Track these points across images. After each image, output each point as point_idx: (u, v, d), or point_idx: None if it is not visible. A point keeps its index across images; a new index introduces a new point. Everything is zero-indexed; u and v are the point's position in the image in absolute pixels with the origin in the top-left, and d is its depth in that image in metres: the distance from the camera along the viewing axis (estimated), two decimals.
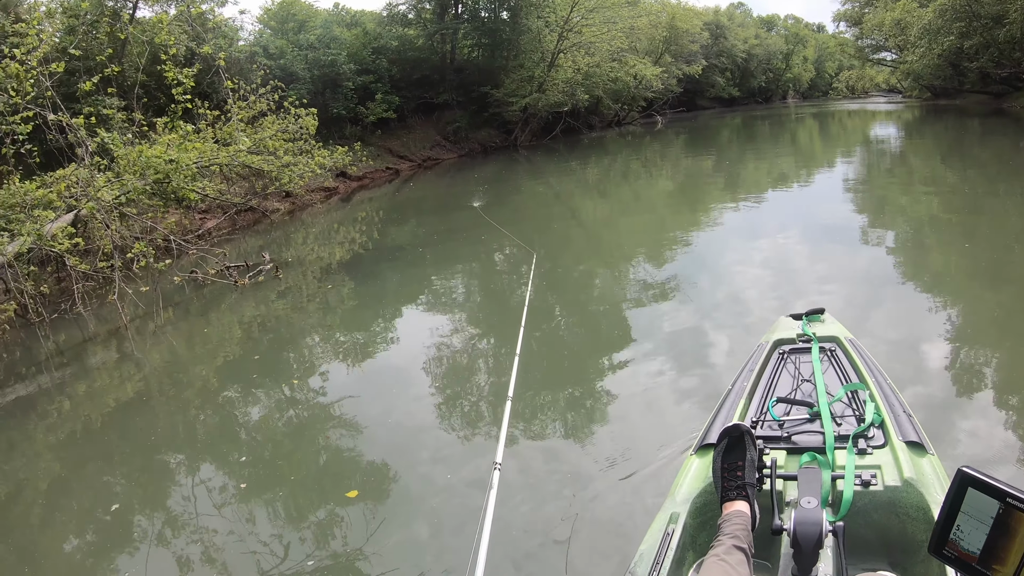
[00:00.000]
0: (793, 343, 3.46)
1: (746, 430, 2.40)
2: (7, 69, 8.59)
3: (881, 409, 2.66)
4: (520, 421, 4.77)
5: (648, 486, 3.68)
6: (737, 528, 2.12)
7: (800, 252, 8.56)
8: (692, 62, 42.25)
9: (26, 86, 8.80)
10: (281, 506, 4.08)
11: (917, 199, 11.77)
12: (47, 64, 9.13)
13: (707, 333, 5.97)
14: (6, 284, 7.86)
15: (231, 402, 5.94)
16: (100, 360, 7.16)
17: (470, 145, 27.06)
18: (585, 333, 6.70)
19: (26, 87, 8.80)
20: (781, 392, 3.01)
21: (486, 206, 13.48)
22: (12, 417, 6.05)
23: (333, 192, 18.43)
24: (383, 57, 23.64)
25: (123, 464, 4.97)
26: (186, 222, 12.70)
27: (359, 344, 7.02)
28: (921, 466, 2.35)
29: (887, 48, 45.69)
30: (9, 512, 4.43)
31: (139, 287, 8.71)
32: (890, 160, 18.40)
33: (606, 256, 9.99)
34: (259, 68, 16.27)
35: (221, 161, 11.73)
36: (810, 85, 76.55)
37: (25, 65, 8.67)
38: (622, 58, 30.27)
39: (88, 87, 9.83)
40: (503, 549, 3.28)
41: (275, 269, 9.37)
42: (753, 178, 16.24)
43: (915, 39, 33.17)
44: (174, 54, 10.50)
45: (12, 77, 8.63)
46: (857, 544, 2.29)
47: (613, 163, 22.42)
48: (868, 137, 26.65)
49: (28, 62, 8.68)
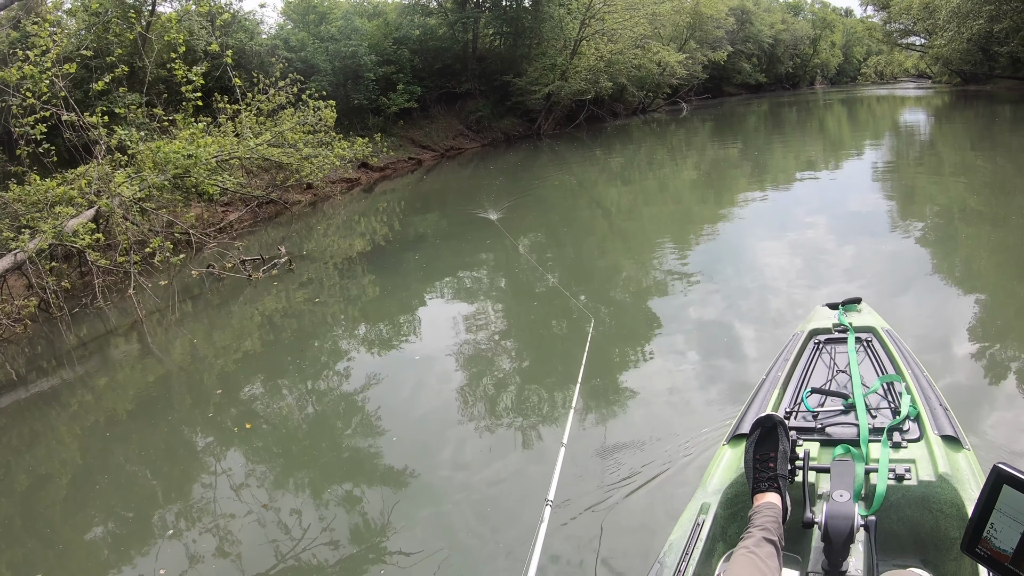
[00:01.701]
0: (829, 333, 3.42)
1: (779, 421, 2.35)
2: (22, 70, 8.71)
3: (917, 402, 2.62)
4: (548, 405, 4.74)
5: (680, 475, 3.66)
6: (768, 520, 2.09)
7: (828, 241, 8.39)
8: (717, 48, 41.69)
9: (41, 87, 8.91)
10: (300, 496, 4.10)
11: (947, 188, 11.49)
12: (61, 65, 9.24)
13: (736, 322, 5.89)
14: (28, 279, 7.93)
15: (248, 393, 5.94)
16: (121, 353, 7.22)
17: (493, 134, 26.92)
18: (613, 322, 6.60)
19: (41, 87, 8.92)
20: (816, 382, 2.98)
21: (511, 207, 13.33)
22: (36, 408, 6.16)
23: (355, 183, 18.41)
24: (404, 47, 23.55)
25: (144, 453, 5.01)
26: (207, 215, 12.73)
27: (377, 337, 6.98)
28: (956, 461, 2.30)
29: (915, 32, 44.60)
30: (34, 500, 4.50)
31: (158, 281, 8.77)
32: (919, 148, 18.00)
33: (632, 245, 9.87)
34: (279, 61, 16.24)
35: (240, 155, 11.74)
36: (838, 71, 75.30)
37: (39, 66, 8.78)
38: (645, 45, 29.91)
39: (101, 86, 9.88)
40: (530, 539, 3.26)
41: (288, 263, 9.36)
42: (780, 166, 15.97)
43: (943, 23, 32.39)
44: (197, 49, 10.54)
45: (28, 78, 8.76)
46: (888, 539, 2.26)
47: (638, 151, 22.17)
48: (897, 124, 26.12)
49: (42, 63, 8.79)
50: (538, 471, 3.96)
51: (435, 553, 3.37)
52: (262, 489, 4.22)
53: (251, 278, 8.79)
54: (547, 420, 4.69)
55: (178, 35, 10.49)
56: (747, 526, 2.12)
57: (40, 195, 8.64)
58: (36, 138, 8.98)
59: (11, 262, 7.66)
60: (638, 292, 7.46)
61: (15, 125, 9.24)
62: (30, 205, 8.60)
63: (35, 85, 8.87)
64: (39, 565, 3.80)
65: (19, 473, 4.94)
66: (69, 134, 9.55)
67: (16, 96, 9.11)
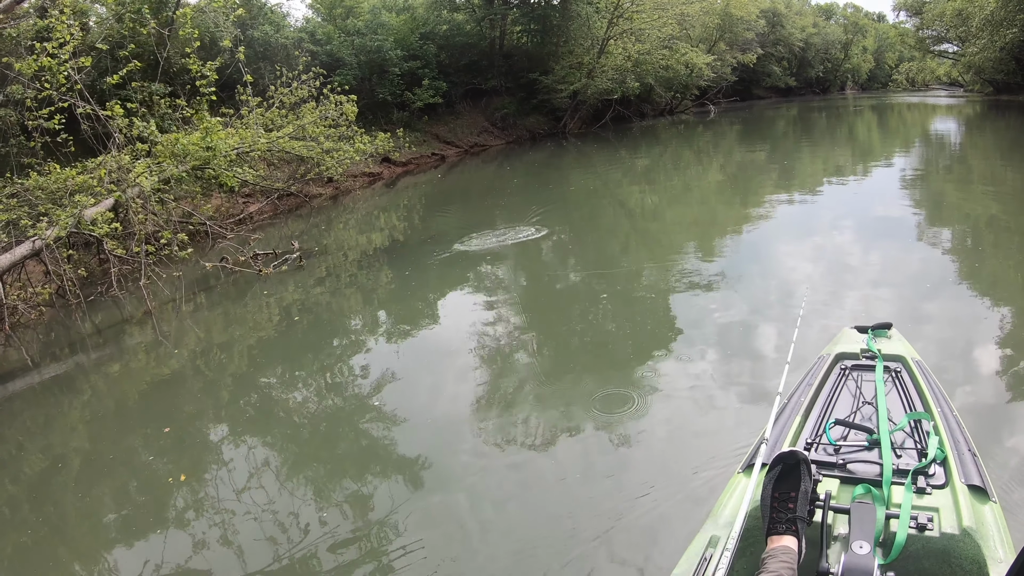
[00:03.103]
0: (856, 359, 3.29)
1: (803, 459, 2.21)
2: (39, 62, 8.81)
3: (945, 444, 2.49)
4: (556, 416, 4.67)
5: (688, 496, 3.55)
6: (783, 567, 1.96)
7: (853, 251, 8.22)
8: (747, 50, 41.20)
9: (59, 78, 9.01)
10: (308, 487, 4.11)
11: (975, 199, 11.21)
12: (78, 58, 9.34)
13: (755, 336, 5.74)
14: (46, 266, 7.98)
15: (257, 383, 5.96)
16: (134, 341, 7.23)
17: (518, 132, 26.79)
18: (628, 329, 6.47)
19: (59, 79, 9.01)
20: (840, 413, 2.86)
21: (533, 198, 13.21)
22: (50, 394, 6.20)
23: (377, 177, 18.37)
24: (431, 43, 23.47)
25: (154, 439, 5.01)
26: (228, 206, 12.75)
27: (391, 331, 6.91)
28: (982, 514, 2.16)
29: (948, 39, 43.67)
30: (48, 483, 4.53)
31: (172, 271, 8.78)
32: (949, 157, 17.64)
33: (654, 248, 9.73)
34: (303, 54, 16.24)
35: (260, 147, 11.73)
36: (869, 76, 74.25)
37: (57, 58, 8.86)
38: (673, 45, 29.61)
39: (116, 80, 9.94)
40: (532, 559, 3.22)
41: (299, 259, 9.35)
42: (808, 171, 15.71)
43: (976, 30, 31.62)
44: (221, 42, 10.56)
45: (46, 70, 8.86)
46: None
47: (664, 153, 21.97)
48: (927, 132, 25.65)
49: (60, 55, 8.86)
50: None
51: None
52: (274, 476, 4.25)
53: (261, 273, 8.79)
54: (562, 414, 4.61)
55: (193, 30, 10.52)
56: (760, 570, 1.99)
57: (60, 183, 8.71)
58: (55, 128, 9.07)
59: (29, 249, 7.72)
60: (656, 295, 7.33)
61: (30, 118, 9.37)
62: (50, 193, 8.67)
63: (53, 77, 8.96)
64: (46, 546, 3.83)
65: (32, 455, 4.99)
66: (86, 125, 9.61)
67: (32, 88, 9.27)
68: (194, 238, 10.20)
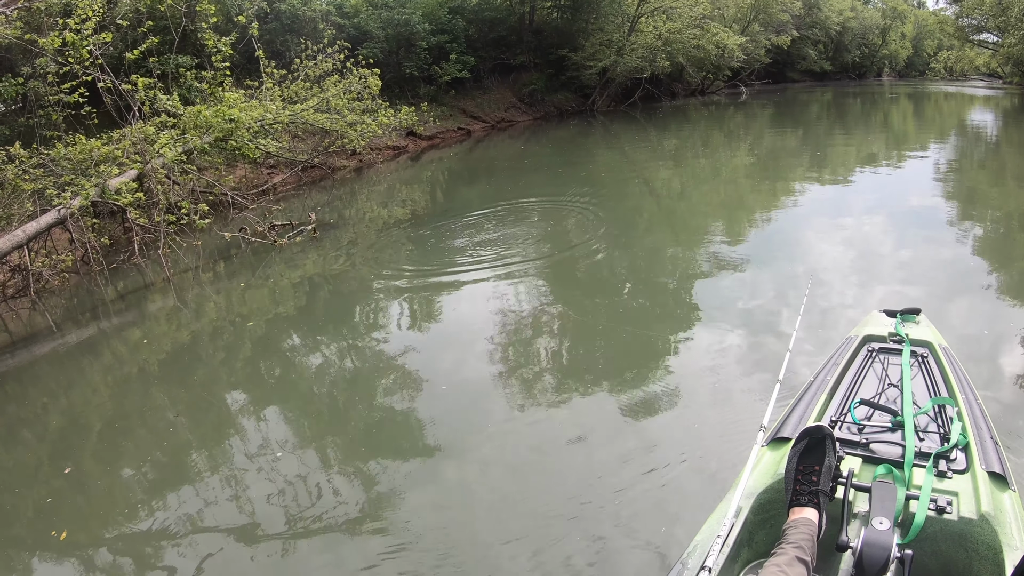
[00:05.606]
0: (884, 342, 3.33)
1: (828, 434, 2.26)
2: (62, 37, 9.06)
3: (967, 430, 2.52)
4: (578, 390, 4.68)
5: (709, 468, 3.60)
6: (802, 538, 2.02)
7: (885, 238, 8.08)
8: (782, 32, 40.36)
9: (83, 52, 9.24)
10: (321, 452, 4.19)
11: (1010, 193, 10.95)
12: (101, 32, 9.58)
13: (781, 318, 5.68)
14: (71, 235, 8.10)
15: (272, 348, 6.05)
16: (155, 307, 7.38)
17: (546, 108, 26.58)
18: (652, 308, 6.44)
19: (83, 53, 9.24)
20: (865, 393, 2.90)
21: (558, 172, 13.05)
22: (72, 357, 6.30)
23: (402, 150, 18.35)
24: (460, 17, 23.27)
25: (174, 401, 5.12)
26: (252, 177, 12.79)
27: (408, 305, 6.88)
28: (1001, 501, 2.19)
29: (987, 29, 42.49)
30: (69, 441, 4.65)
31: (193, 241, 8.87)
32: (984, 150, 17.21)
33: (679, 229, 9.64)
34: (329, 27, 16.19)
35: (283, 120, 11.76)
36: (907, 63, 72.49)
37: (80, 34, 9.10)
38: (704, 25, 29.10)
39: (136, 55, 10.09)
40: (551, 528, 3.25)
41: (313, 231, 9.39)
42: (840, 158, 15.39)
43: (1015, 21, 30.74)
44: (247, 14, 10.62)
45: (69, 45, 9.11)
46: (918, 572, 2.18)
47: (693, 133, 21.66)
48: (963, 123, 24.97)
49: (83, 30, 9.11)
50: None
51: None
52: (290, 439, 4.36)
53: (276, 243, 8.87)
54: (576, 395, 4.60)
55: (209, 6, 10.66)
56: (780, 540, 2.04)
57: (85, 154, 8.87)
58: (77, 101, 9.33)
59: (54, 217, 7.90)
60: (680, 277, 7.25)
61: (50, 93, 9.66)
62: (75, 164, 8.83)
63: (76, 52, 9.19)
64: (67, 501, 3.94)
65: (55, 415, 5.12)
66: (108, 98, 9.80)
67: (53, 63, 9.53)
68: (217, 208, 10.25)
